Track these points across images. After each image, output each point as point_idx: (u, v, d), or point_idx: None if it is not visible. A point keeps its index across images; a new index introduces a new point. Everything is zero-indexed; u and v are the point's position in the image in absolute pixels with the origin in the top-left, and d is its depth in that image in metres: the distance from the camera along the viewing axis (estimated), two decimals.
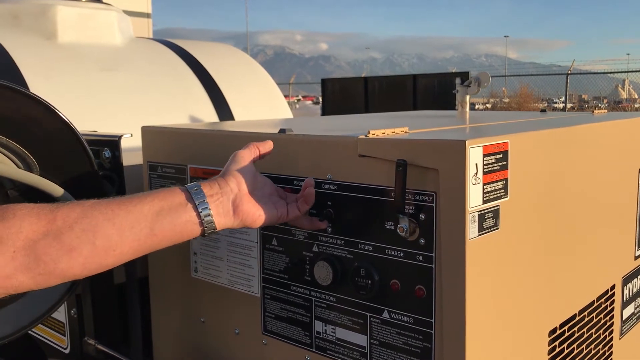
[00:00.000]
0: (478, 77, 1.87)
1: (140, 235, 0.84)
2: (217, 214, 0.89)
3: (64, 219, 0.81)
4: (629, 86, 32.89)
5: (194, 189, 0.89)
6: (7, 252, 0.77)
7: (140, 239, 0.85)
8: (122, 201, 0.85)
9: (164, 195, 0.87)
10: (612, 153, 1.31)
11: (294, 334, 1.08)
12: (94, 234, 0.81)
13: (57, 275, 0.81)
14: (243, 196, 0.92)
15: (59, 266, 0.80)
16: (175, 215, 0.87)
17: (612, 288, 1.34)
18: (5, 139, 1.05)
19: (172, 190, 0.89)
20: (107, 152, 1.28)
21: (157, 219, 0.85)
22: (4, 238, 0.77)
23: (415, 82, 13.54)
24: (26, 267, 0.78)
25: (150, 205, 0.85)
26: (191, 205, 0.88)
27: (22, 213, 0.80)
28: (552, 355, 1.10)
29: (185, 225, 0.87)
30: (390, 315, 0.94)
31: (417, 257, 0.90)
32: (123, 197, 0.87)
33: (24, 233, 0.78)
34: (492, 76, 3.17)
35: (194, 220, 0.88)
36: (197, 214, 0.88)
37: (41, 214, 0.80)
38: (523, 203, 0.96)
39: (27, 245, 0.78)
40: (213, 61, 2.37)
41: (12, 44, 1.89)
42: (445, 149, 0.84)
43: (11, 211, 0.79)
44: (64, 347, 1.47)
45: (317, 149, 1.01)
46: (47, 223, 0.80)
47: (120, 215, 0.83)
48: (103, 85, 1.97)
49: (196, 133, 1.24)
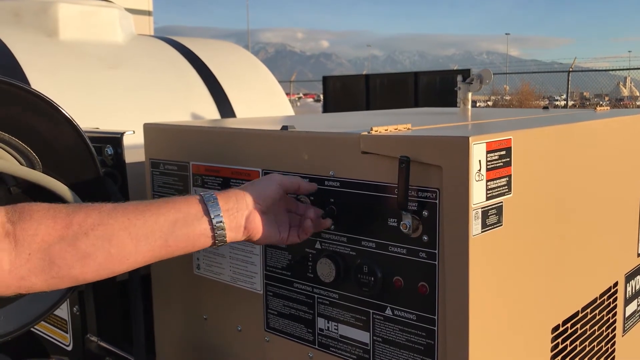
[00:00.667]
0: (480, 74, 1.87)
1: (155, 246, 0.85)
2: (229, 229, 0.90)
3: (80, 224, 0.81)
4: (631, 83, 32.82)
5: (210, 201, 0.90)
6: (22, 253, 0.78)
7: (154, 249, 0.86)
8: (139, 209, 0.86)
9: (180, 206, 0.88)
10: (615, 150, 1.31)
11: (296, 331, 1.08)
12: (109, 242, 0.82)
13: (69, 279, 0.82)
14: (256, 214, 0.93)
15: (72, 271, 0.81)
16: (190, 228, 0.88)
17: (614, 285, 1.33)
18: (8, 136, 1.05)
19: (189, 201, 0.89)
20: (109, 149, 1.28)
21: (172, 231, 0.86)
22: (20, 240, 0.78)
23: (417, 80, 13.52)
24: (40, 270, 0.79)
25: (166, 216, 0.86)
26: (206, 218, 0.88)
27: (39, 215, 0.80)
28: (555, 352, 1.10)
29: (199, 237, 0.88)
30: (393, 312, 0.94)
31: (420, 253, 0.90)
32: (139, 204, 0.87)
33: (40, 236, 0.79)
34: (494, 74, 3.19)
35: (207, 233, 0.89)
36: (211, 228, 0.89)
37: (57, 217, 0.81)
38: (526, 200, 0.96)
39: (42, 248, 0.79)
40: (215, 59, 2.37)
41: (14, 42, 1.89)
42: (449, 145, 0.84)
43: (28, 212, 0.80)
44: (67, 344, 1.47)
45: (320, 146, 1.01)
46: (63, 227, 0.80)
47: (137, 225, 0.84)
48: (105, 82, 1.97)
49: (198, 130, 1.24)
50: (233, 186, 1.13)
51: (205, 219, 0.88)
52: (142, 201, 0.89)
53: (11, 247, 0.77)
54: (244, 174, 1.12)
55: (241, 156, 1.12)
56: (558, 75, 20.27)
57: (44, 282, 0.80)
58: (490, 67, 2.67)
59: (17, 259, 0.77)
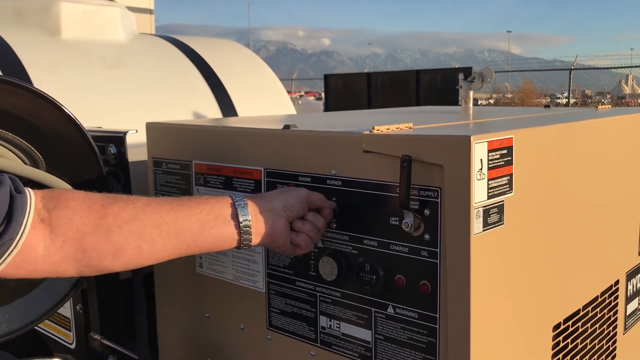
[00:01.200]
0: (481, 72, 1.87)
1: (183, 245, 0.88)
2: (255, 234, 0.93)
3: (115, 217, 0.83)
4: (633, 81, 32.77)
5: (240, 205, 0.92)
6: (57, 240, 0.80)
7: (182, 247, 0.88)
8: (172, 207, 0.88)
9: (211, 208, 0.90)
10: (616, 148, 1.31)
11: (298, 329, 1.09)
12: (141, 237, 0.84)
13: (99, 269, 0.85)
14: (280, 222, 0.95)
15: (103, 262, 0.83)
16: (219, 230, 0.90)
17: (616, 283, 1.34)
18: (12, 135, 1.06)
19: (221, 202, 0.92)
20: (112, 148, 1.29)
21: (201, 232, 0.89)
22: (55, 227, 0.80)
23: (418, 78, 13.51)
24: (73, 258, 0.82)
25: (197, 217, 0.89)
26: (235, 222, 0.91)
27: (75, 204, 0.82)
28: (556, 350, 1.10)
29: (225, 240, 0.91)
30: (395, 311, 0.95)
31: (422, 252, 0.90)
32: (173, 201, 0.89)
33: (75, 225, 0.81)
34: (495, 71, 3.17)
35: (234, 236, 0.91)
36: (238, 232, 0.91)
37: (92, 208, 0.83)
38: (527, 198, 0.96)
39: (76, 237, 0.81)
40: (216, 57, 2.37)
41: (16, 40, 1.89)
42: (450, 144, 0.85)
43: (64, 200, 0.82)
44: (70, 342, 1.48)
45: (322, 145, 1.01)
46: (98, 218, 0.82)
47: (168, 224, 0.86)
48: (107, 81, 1.97)
49: (201, 129, 1.24)
50: (235, 185, 1.14)
51: (233, 223, 0.91)
52: (175, 198, 0.91)
53: (46, 234, 0.80)
54: (246, 172, 1.12)
55: (243, 155, 1.13)
56: (560, 73, 20.25)
57: (75, 269, 0.83)
58: (491, 65, 2.68)
59: (51, 246, 0.80)
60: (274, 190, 1.02)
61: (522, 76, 22.98)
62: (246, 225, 0.91)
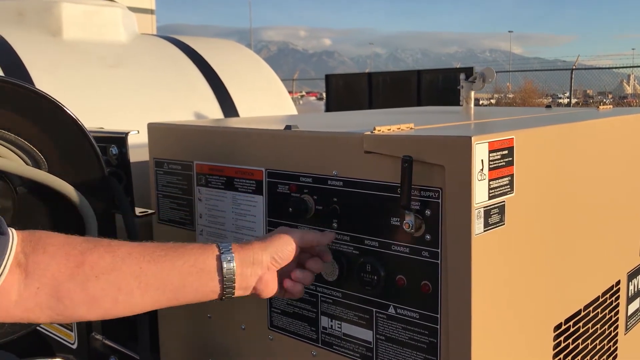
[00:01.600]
0: (483, 72, 1.87)
1: (163, 298, 0.85)
2: (239, 288, 0.90)
3: (92, 266, 0.80)
4: (634, 81, 32.71)
5: (227, 259, 0.88)
6: (31, 286, 0.77)
7: (162, 300, 0.85)
8: (153, 258, 0.84)
9: (195, 260, 0.87)
10: (618, 149, 1.31)
11: (300, 329, 1.09)
12: (118, 289, 0.81)
13: (73, 318, 0.82)
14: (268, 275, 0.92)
15: (77, 311, 0.81)
16: (202, 284, 0.87)
17: (617, 284, 1.34)
18: (14, 136, 1.06)
19: (205, 253, 0.88)
20: (114, 148, 1.29)
21: (183, 285, 0.85)
22: (31, 272, 0.77)
23: (420, 78, 13.50)
24: (47, 306, 0.79)
25: (179, 269, 0.85)
26: (219, 277, 0.88)
27: (52, 250, 0.79)
28: (557, 350, 1.10)
29: (208, 294, 0.88)
30: (396, 311, 0.95)
31: (423, 252, 0.90)
32: (156, 250, 0.85)
33: (51, 271, 0.78)
34: (497, 71, 3.16)
35: (217, 290, 0.88)
36: (222, 287, 0.88)
37: (70, 254, 0.80)
38: (528, 199, 0.96)
39: (51, 284, 0.78)
40: (217, 57, 2.37)
41: (18, 41, 1.90)
42: (451, 145, 0.85)
43: (42, 245, 0.79)
44: (72, 343, 1.48)
45: (323, 146, 1.01)
46: (75, 266, 0.79)
47: (148, 275, 0.83)
48: (108, 81, 1.97)
49: (202, 130, 1.25)
50: (236, 185, 1.14)
51: (217, 278, 0.88)
52: (160, 245, 0.87)
53: (21, 279, 0.77)
54: (247, 173, 1.13)
55: (245, 156, 1.13)
56: (561, 73, 20.24)
57: (48, 317, 0.80)
58: (493, 65, 2.67)
59: (25, 291, 0.77)
60: (265, 235, 0.97)
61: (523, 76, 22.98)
62: (230, 279, 0.88)
